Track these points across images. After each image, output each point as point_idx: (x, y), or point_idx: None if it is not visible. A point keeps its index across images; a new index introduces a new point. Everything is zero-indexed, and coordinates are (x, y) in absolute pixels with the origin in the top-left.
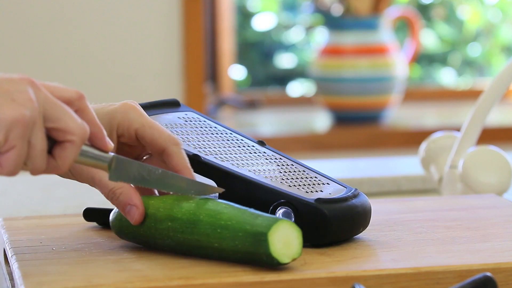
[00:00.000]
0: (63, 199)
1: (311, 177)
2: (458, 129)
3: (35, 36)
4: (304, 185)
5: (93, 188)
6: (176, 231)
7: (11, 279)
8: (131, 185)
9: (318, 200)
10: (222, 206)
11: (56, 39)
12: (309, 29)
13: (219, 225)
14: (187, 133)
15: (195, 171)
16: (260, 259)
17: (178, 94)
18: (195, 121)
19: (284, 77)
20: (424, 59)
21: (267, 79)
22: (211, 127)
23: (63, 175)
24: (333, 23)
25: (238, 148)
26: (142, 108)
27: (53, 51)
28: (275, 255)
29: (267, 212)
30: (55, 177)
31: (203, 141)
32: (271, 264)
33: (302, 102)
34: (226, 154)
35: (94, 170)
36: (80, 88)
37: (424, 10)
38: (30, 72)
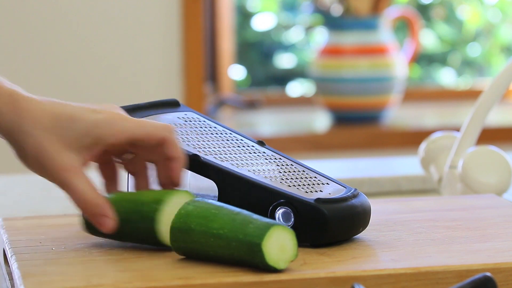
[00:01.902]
0: (63, 199)
1: (310, 177)
2: (457, 129)
3: (35, 36)
4: (303, 185)
5: None
6: (168, 239)
7: (11, 279)
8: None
9: (318, 200)
10: (212, 212)
11: (56, 39)
12: (308, 29)
13: (211, 234)
14: (186, 133)
15: (194, 171)
16: (257, 266)
17: (178, 94)
18: (195, 121)
19: (284, 77)
20: (424, 59)
21: (267, 79)
22: (210, 127)
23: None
24: (332, 23)
25: (238, 148)
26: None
27: (53, 51)
28: (272, 263)
29: (266, 212)
30: None
31: (203, 141)
32: (268, 271)
33: (302, 102)
34: (225, 154)
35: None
36: (79, 88)
37: (423, 10)
38: (30, 73)
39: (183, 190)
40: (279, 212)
